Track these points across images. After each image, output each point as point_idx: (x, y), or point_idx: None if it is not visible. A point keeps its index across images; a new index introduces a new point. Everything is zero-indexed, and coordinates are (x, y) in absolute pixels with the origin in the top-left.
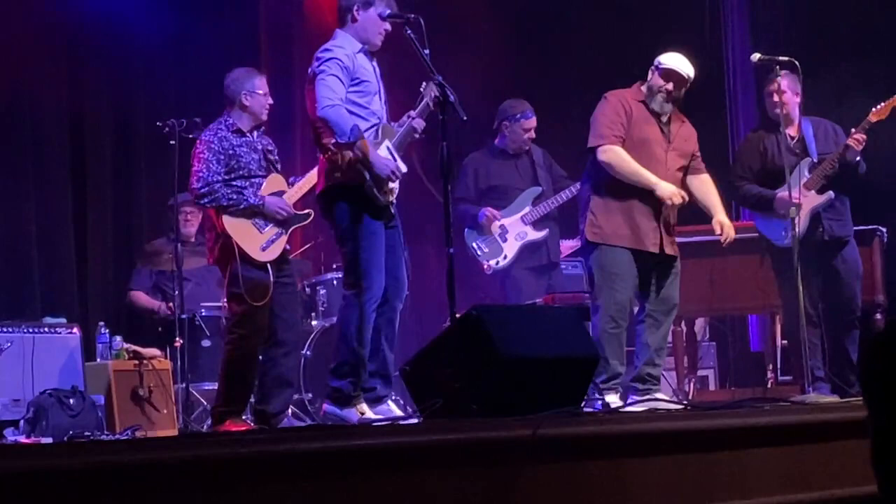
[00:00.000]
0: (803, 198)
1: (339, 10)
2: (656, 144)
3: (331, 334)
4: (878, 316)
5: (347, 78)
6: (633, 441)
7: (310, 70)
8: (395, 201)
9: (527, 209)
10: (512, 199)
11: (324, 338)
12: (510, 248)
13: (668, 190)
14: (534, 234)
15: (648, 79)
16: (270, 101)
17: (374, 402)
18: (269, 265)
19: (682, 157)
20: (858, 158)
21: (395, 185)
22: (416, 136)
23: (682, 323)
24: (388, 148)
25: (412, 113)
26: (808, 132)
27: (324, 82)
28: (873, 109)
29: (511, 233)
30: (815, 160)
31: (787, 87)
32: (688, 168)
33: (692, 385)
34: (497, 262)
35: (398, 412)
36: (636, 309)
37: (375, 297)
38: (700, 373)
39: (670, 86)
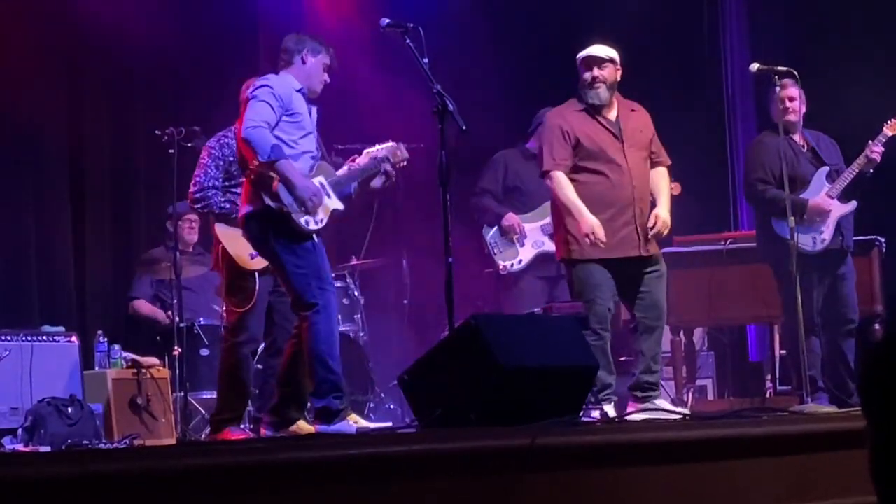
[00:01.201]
0: (830, 205)
1: (283, 52)
2: (611, 149)
3: None
4: (877, 326)
5: (280, 108)
6: (631, 451)
7: (243, 95)
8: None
9: (548, 219)
10: (534, 203)
11: None
12: (526, 254)
13: (586, 226)
14: (550, 246)
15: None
16: None
17: (287, 423)
18: (256, 273)
19: (641, 150)
20: (871, 170)
21: (322, 216)
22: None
23: (681, 333)
24: (321, 183)
25: (358, 162)
26: (816, 142)
27: (253, 106)
28: (888, 122)
29: (529, 239)
30: (829, 169)
31: (797, 94)
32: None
33: (691, 395)
34: (511, 265)
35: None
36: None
37: (332, 309)
38: (698, 382)
39: (594, 71)
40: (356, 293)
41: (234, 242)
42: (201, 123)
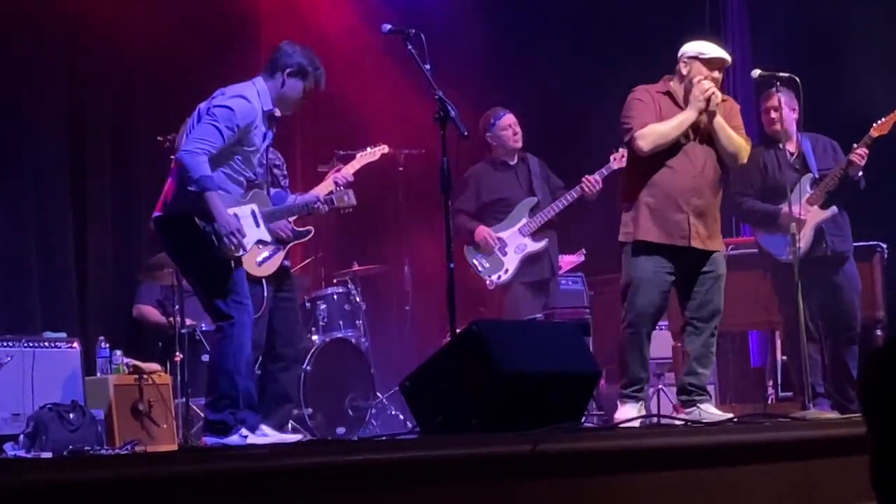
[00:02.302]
0: (807, 213)
1: (271, 61)
2: (683, 139)
3: (332, 349)
4: (879, 332)
5: (231, 137)
6: (632, 457)
7: (208, 102)
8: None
9: (524, 220)
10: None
11: (324, 353)
12: (511, 262)
13: (697, 98)
14: (533, 246)
15: (684, 72)
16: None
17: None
18: (264, 280)
19: (712, 145)
20: (861, 174)
21: (241, 251)
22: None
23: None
24: (252, 211)
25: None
26: (808, 148)
27: (204, 127)
28: (874, 125)
29: (510, 246)
30: (816, 176)
31: (785, 103)
32: None
33: None
34: (499, 277)
35: (273, 435)
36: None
37: (247, 324)
38: None
39: (714, 73)
40: (358, 299)
41: None
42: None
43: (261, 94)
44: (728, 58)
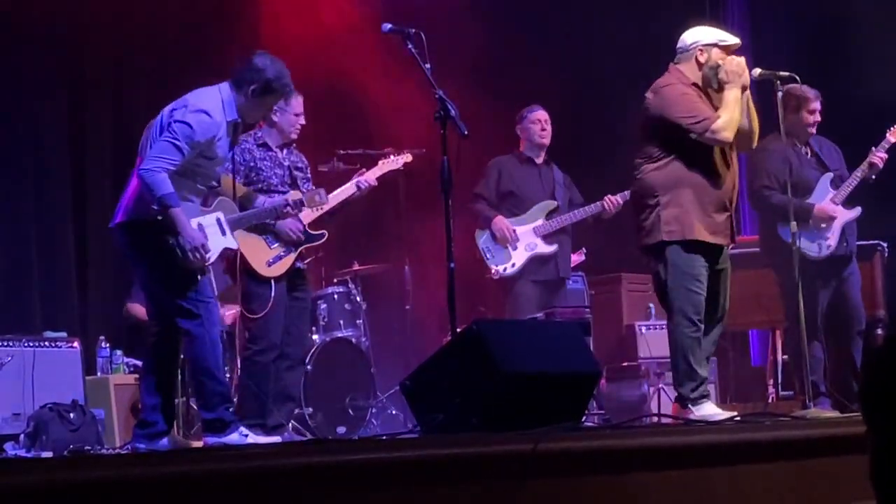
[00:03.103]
0: (836, 212)
1: (240, 73)
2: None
3: (332, 349)
4: (879, 331)
5: (191, 153)
6: (633, 456)
7: (172, 110)
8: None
9: (540, 221)
10: (528, 207)
11: (324, 353)
12: (518, 257)
13: (736, 72)
14: (543, 248)
15: (702, 59)
16: (303, 121)
17: (156, 436)
18: (272, 281)
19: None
20: (874, 176)
21: (211, 255)
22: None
23: None
24: (217, 219)
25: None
26: (819, 148)
27: (164, 145)
28: (891, 129)
29: (522, 242)
30: (833, 175)
31: (820, 106)
32: None
33: None
34: (504, 269)
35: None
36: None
37: (214, 320)
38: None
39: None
40: (358, 298)
41: (252, 249)
42: None
43: (225, 105)
44: (740, 41)
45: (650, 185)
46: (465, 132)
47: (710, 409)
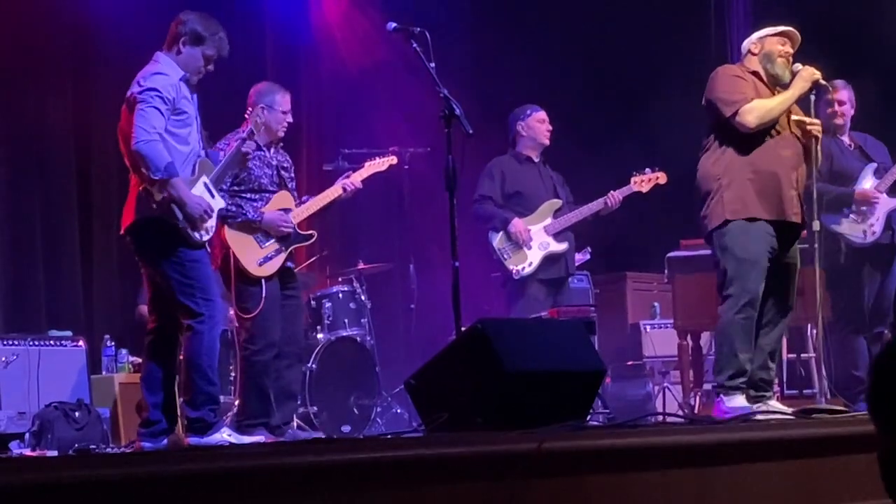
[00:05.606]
0: (877, 196)
1: (169, 35)
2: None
3: (337, 348)
4: (885, 331)
5: (168, 111)
6: (638, 455)
7: (130, 93)
8: (210, 240)
9: (549, 220)
10: (534, 206)
11: (329, 351)
12: (534, 257)
13: (805, 78)
14: (556, 246)
15: (755, 51)
16: (290, 119)
17: (160, 434)
18: (263, 280)
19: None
20: None
21: (210, 223)
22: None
23: (688, 336)
24: (205, 184)
25: (241, 135)
26: (864, 142)
27: (143, 113)
28: None
29: (535, 241)
30: (876, 165)
31: (847, 98)
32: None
33: (698, 399)
34: (523, 269)
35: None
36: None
37: (217, 320)
38: (705, 387)
39: (786, 46)
40: (363, 297)
41: (243, 248)
42: (208, 127)
43: (169, 66)
44: (797, 33)
45: (711, 172)
46: (471, 131)
47: (738, 402)
